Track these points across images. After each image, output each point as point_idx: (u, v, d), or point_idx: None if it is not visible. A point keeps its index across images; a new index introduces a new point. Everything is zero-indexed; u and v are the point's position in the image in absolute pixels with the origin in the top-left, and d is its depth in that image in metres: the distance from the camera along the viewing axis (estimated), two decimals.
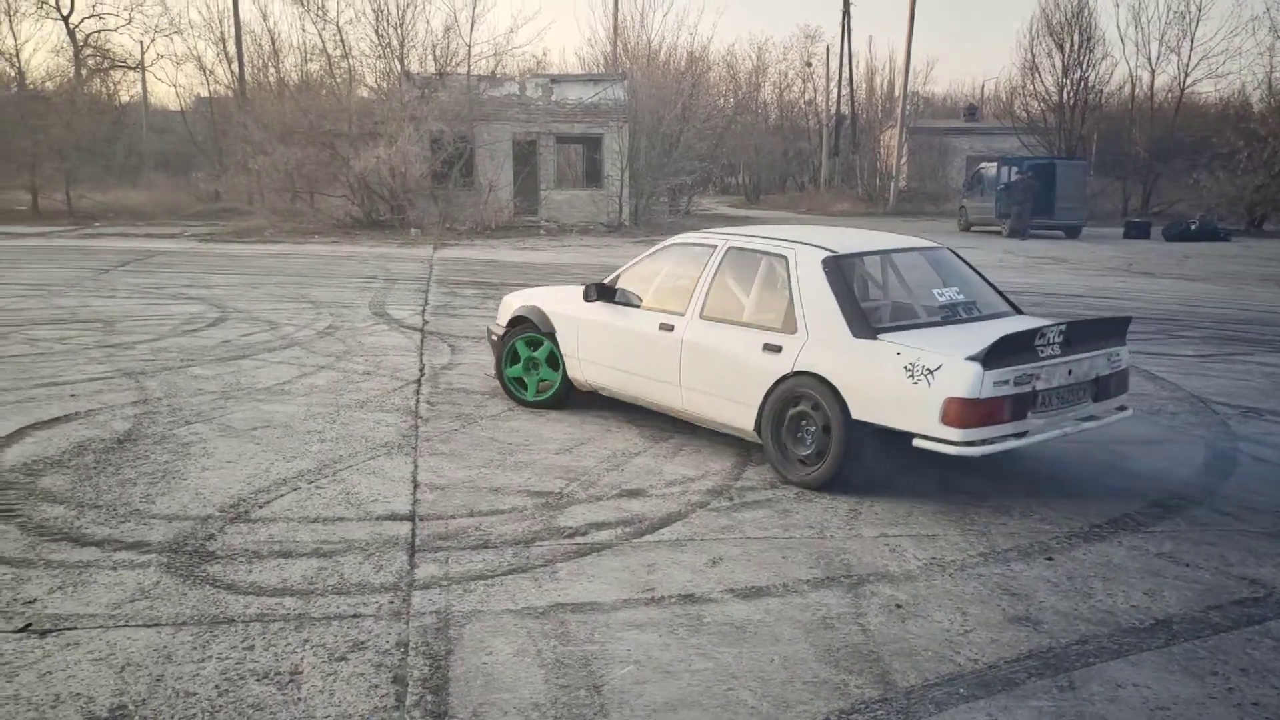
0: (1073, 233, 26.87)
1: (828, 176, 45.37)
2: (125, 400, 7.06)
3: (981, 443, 4.82)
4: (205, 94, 37.27)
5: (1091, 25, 35.02)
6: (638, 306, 6.40)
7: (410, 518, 4.86)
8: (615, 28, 33.57)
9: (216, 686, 3.27)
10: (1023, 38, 44.51)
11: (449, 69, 26.46)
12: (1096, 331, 5.52)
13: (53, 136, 28.03)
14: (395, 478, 5.47)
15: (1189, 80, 34.81)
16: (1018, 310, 6.03)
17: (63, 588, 3.99)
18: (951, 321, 5.61)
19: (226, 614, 3.79)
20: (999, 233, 26.66)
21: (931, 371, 4.86)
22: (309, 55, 29.35)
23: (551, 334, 6.90)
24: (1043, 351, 4.99)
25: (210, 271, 15.68)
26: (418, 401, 7.23)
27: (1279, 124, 28.82)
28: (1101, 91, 35.74)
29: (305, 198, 26.37)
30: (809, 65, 50.96)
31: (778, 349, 5.48)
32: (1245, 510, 5.23)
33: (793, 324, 5.50)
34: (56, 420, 6.48)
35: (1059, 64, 35.28)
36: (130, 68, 38.82)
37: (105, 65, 37.29)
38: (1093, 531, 4.87)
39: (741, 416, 5.69)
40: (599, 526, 4.78)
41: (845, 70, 45.56)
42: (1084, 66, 34.95)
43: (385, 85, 26.72)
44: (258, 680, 3.31)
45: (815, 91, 51.25)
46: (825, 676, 3.41)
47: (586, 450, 6.07)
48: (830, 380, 5.22)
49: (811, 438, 5.37)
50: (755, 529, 4.81)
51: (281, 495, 5.14)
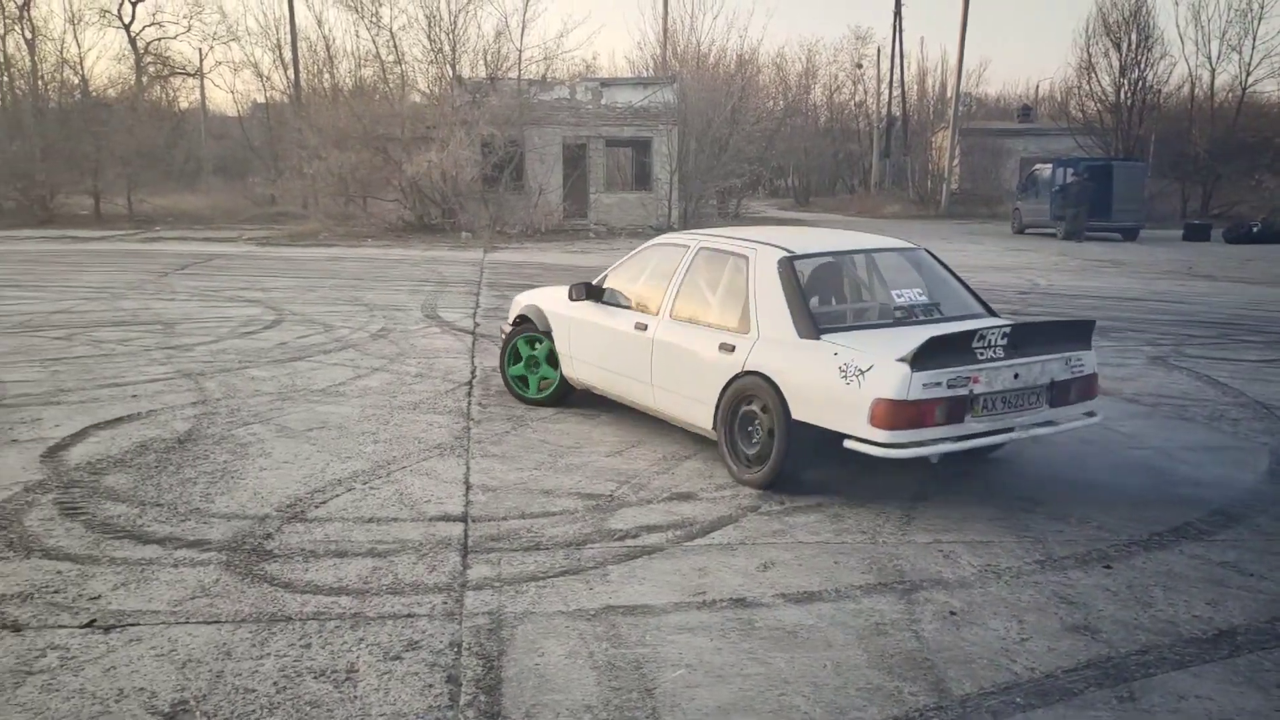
0: (1130, 235, 26.30)
1: (878, 179, 45.00)
2: (185, 401, 7.21)
3: (909, 445, 4.72)
4: (262, 100, 38.07)
5: (1150, 24, 34.32)
6: (620, 306, 6.44)
7: (463, 519, 4.90)
8: (665, 31, 33.59)
9: (275, 683, 3.32)
10: (1079, 37, 43.69)
11: (500, 73, 26.66)
12: (1050, 334, 5.33)
13: (115, 142, 28.77)
14: (448, 479, 5.52)
15: (1251, 79, 34.04)
16: (991, 313, 5.82)
17: (126, 584, 4.09)
18: (905, 323, 5.48)
19: (284, 612, 3.85)
20: (1054, 235, 26.20)
21: (863, 372, 4.78)
22: (362, 61, 29.78)
23: (549, 333, 6.99)
24: (981, 354, 4.83)
25: (266, 274, 15.96)
26: (469, 403, 7.29)
27: None
28: (1160, 91, 34.99)
29: (358, 201, 26.78)
30: (859, 67, 50.72)
31: (732, 348, 5.46)
32: None
33: (747, 324, 5.48)
34: (119, 420, 6.63)
35: (1116, 64, 34.60)
36: (189, 74, 39.79)
37: (165, 72, 38.25)
38: (1153, 539, 4.77)
39: (702, 415, 5.67)
40: (650, 529, 4.79)
41: (896, 71, 45.20)
42: (1142, 66, 34.24)
43: (437, 90, 26.97)
44: (315, 678, 3.36)
45: (866, 93, 50.99)
46: (879, 683, 3.38)
47: (637, 453, 6.08)
48: (774, 380, 5.16)
49: (757, 437, 5.34)
50: (807, 533, 4.78)
51: (337, 495, 5.21)
